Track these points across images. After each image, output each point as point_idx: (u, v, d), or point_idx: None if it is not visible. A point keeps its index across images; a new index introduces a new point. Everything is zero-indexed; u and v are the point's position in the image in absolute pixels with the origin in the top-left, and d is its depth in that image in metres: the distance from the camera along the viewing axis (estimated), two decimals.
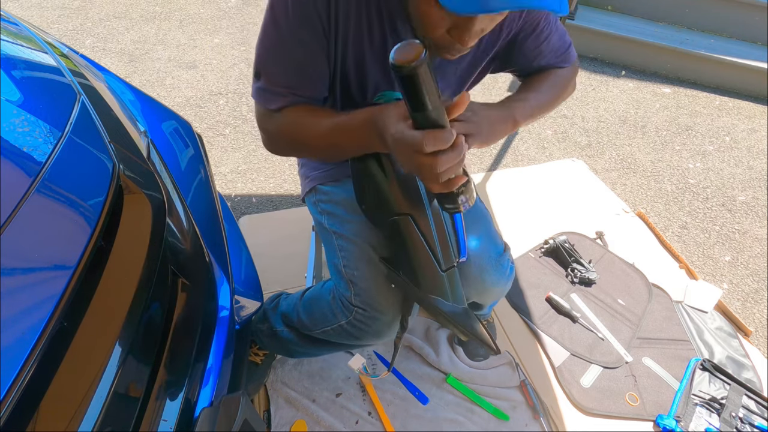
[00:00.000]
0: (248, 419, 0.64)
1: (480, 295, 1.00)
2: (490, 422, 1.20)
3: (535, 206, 1.87)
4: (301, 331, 1.03)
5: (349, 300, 0.90)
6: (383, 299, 0.88)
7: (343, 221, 0.95)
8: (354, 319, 0.90)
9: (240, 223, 1.67)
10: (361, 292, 0.89)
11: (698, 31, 3.09)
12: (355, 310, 0.90)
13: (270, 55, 0.76)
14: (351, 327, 0.91)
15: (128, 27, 2.95)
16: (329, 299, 0.96)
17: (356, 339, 0.93)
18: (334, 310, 0.94)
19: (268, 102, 0.79)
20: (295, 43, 0.73)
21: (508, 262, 1.00)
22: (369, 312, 0.88)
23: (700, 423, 1.23)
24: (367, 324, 0.89)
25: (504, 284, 1.00)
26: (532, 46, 0.86)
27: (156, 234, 0.64)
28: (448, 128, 0.57)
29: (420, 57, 0.49)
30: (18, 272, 0.50)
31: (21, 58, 0.84)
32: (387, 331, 0.90)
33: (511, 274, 1.02)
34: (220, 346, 0.74)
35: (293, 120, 0.79)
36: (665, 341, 1.44)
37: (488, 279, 0.95)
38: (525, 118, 0.83)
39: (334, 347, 1.04)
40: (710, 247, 1.84)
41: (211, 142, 2.12)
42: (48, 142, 0.63)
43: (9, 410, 0.41)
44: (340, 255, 0.93)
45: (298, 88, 0.78)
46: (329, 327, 0.96)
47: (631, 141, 2.38)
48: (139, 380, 0.56)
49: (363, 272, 0.89)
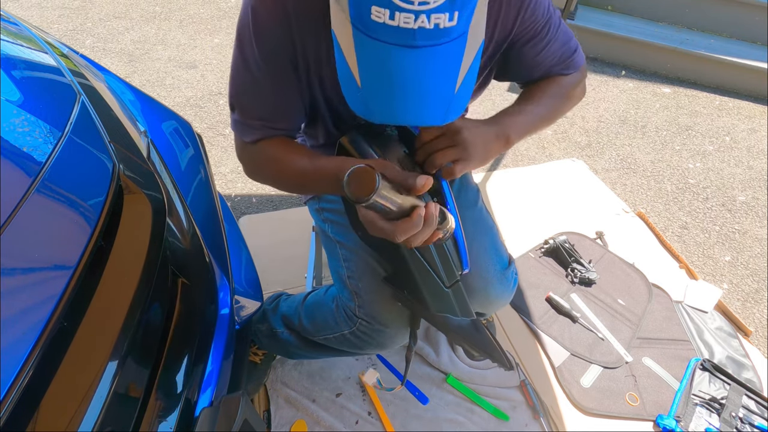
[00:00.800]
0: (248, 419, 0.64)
1: (484, 307, 0.99)
2: (490, 422, 1.20)
3: (535, 206, 1.87)
4: (302, 334, 1.02)
5: (353, 311, 0.89)
6: (387, 313, 0.87)
7: (347, 231, 0.93)
8: (357, 330, 0.89)
9: (240, 223, 1.67)
10: (365, 305, 0.87)
11: (698, 31, 3.09)
12: (359, 321, 0.88)
13: (242, 91, 0.75)
14: (354, 337, 0.90)
15: (128, 27, 2.95)
16: (332, 307, 0.94)
17: (358, 348, 0.92)
18: (337, 319, 0.93)
19: (243, 134, 0.78)
20: (265, 79, 0.73)
21: (512, 275, 0.98)
22: (373, 324, 0.87)
23: (700, 423, 1.23)
24: (370, 336, 0.88)
25: (508, 296, 0.99)
26: (531, 54, 0.80)
27: (156, 234, 0.64)
28: (419, 209, 0.56)
29: (375, 188, 0.49)
30: (18, 272, 0.50)
31: (21, 58, 0.84)
32: (390, 343, 0.90)
33: (515, 286, 1.00)
34: (220, 346, 0.74)
35: (268, 156, 0.79)
36: (665, 341, 1.44)
37: (493, 292, 0.94)
38: (520, 135, 0.79)
39: (334, 353, 1.03)
40: (710, 247, 1.84)
41: (211, 142, 2.12)
42: (48, 142, 0.63)
43: (9, 410, 0.41)
44: (344, 265, 0.92)
45: (273, 121, 0.77)
46: (331, 335, 0.95)
47: (631, 141, 2.38)
48: (139, 380, 0.56)
49: (367, 284, 0.88)
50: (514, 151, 2.24)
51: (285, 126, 0.79)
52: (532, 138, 2.34)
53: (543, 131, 2.39)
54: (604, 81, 2.85)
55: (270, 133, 0.78)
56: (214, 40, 2.89)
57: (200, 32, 2.95)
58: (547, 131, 2.39)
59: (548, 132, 2.39)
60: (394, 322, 0.87)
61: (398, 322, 0.87)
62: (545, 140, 2.33)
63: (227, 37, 2.91)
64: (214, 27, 3.01)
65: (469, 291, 0.91)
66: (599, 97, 2.70)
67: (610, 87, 2.80)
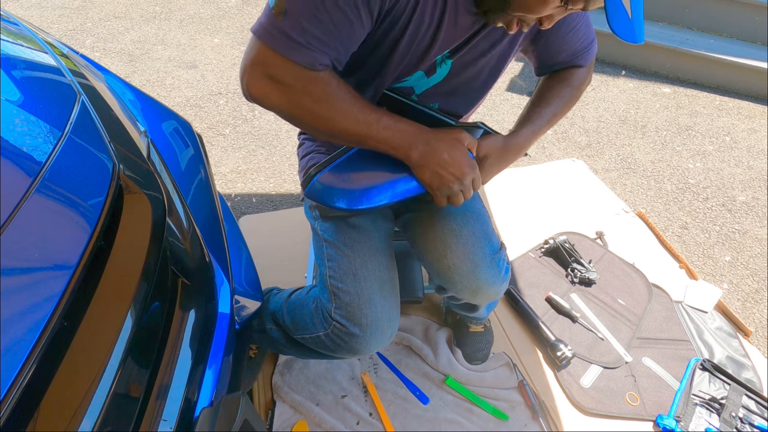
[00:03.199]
0: (248, 419, 0.65)
1: (474, 295, 0.98)
2: (490, 422, 1.20)
3: (535, 206, 1.87)
4: (286, 332, 1.03)
5: (329, 313, 0.90)
6: (363, 317, 0.88)
7: (337, 229, 0.94)
8: (332, 332, 0.90)
9: (240, 223, 1.67)
10: (343, 306, 0.89)
11: (698, 31, 3.08)
12: (333, 323, 0.90)
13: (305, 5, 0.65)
14: (328, 339, 0.91)
15: (128, 27, 2.95)
16: (312, 308, 0.96)
17: (331, 351, 0.93)
18: (314, 320, 0.94)
19: (292, 52, 0.67)
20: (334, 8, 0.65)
21: (503, 262, 0.99)
22: (347, 328, 0.88)
23: (700, 423, 1.23)
24: (343, 340, 0.89)
25: (499, 284, 0.99)
26: (561, 33, 0.86)
27: (156, 234, 0.64)
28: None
29: None
30: (18, 272, 0.50)
31: (21, 58, 0.84)
32: (364, 348, 0.90)
33: (507, 275, 1.00)
34: (220, 346, 0.74)
35: (330, 88, 0.71)
36: (665, 341, 1.44)
37: (482, 276, 0.94)
38: (534, 141, 0.91)
39: (315, 354, 1.04)
40: (710, 247, 1.84)
41: (211, 142, 2.12)
42: (48, 142, 0.63)
43: (9, 410, 0.41)
44: (328, 265, 0.93)
45: (329, 45, 0.68)
46: (308, 335, 0.96)
47: (631, 141, 2.38)
48: (139, 380, 0.56)
49: (347, 286, 0.89)
50: None
51: (337, 54, 0.71)
52: None
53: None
54: (604, 81, 2.85)
55: (322, 57, 0.69)
56: (214, 40, 2.89)
57: (200, 32, 2.96)
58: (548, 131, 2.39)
59: (548, 132, 2.39)
60: (369, 328, 0.88)
61: (372, 328, 0.88)
62: (545, 140, 2.33)
63: (227, 37, 2.91)
64: (214, 27, 3.01)
65: (459, 275, 0.93)
66: (599, 97, 2.70)
67: (610, 87, 2.80)
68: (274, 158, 2.05)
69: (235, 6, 3.27)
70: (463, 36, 0.78)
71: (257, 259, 1.08)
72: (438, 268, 0.95)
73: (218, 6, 3.27)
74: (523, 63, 2.94)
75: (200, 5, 3.26)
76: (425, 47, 0.77)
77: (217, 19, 3.10)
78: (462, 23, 0.76)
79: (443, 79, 0.86)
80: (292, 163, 2.03)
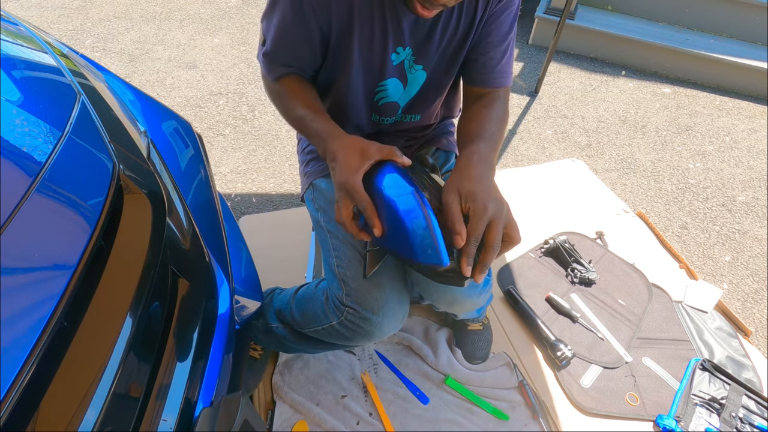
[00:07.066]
0: (248, 419, 0.65)
1: (450, 306, 0.99)
2: (490, 422, 1.20)
3: (535, 206, 1.87)
4: (294, 328, 1.03)
5: (341, 299, 0.91)
6: (374, 301, 0.89)
7: None
8: (345, 319, 0.91)
9: (240, 223, 1.67)
10: (353, 293, 0.90)
11: (698, 31, 3.09)
12: (346, 310, 0.90)
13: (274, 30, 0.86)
14: (342, 327, 0.92)
15: (128, 27, 2.95)
16: (322, 300, 0.96)
17: (347, 339, 0.94)
18: (326, 311, 0.94)
19: (269, 70, 0.91)
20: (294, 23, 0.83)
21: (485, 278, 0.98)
22: (360, 312, 0.89)
23: (700, 423, 1.23)
24: (357, 325, 0.90)
25: (476, 297, 0.99)
26: (491, 44, 0.90)
27: (156, 234, 0.64)
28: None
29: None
30: (18, 272, 0.50)
31: (21, 58, 0.84)
32: (378, 332, 0.91)
33: (486, 287, 1.00)
34: (219, 346, 0.74)
35: (280, 91, 0.92)
36: (665, 341, 1.44)
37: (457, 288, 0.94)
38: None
39: (326, 346, 1.04)
40: (710, 247, 1.84)
41: (211, 142, 2.12)
42: (48, 142, 0.63)
43: (9, 410, 0.41)
44: (334, 254, 0.95)
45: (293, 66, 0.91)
46: (320, 327, 0.96)
47: (631, 141, 2.39)
48: (139, 380, 0.56)
49: (355, 272, 0.90)
50: (514, 151, 2.25)
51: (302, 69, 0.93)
52: (532, 138, 2.34)
53: (543, 131, 2.39)
54: (604, 81, 2.85)
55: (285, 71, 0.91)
56: (214, 40, 2.89)
57: (200, 32, 2.96)
58: (548, 131, 2.39)
59: (548, 132, 2.39)
60: (381, 309, 0.89)
61: (384, 310, 0.89)
62: (545, 140, 2.33)
63: (227, 37, 2.91)
64: (214, 27, 3.01)
65: (434, 286, 0.95)
66: (599, 97, 2.70)
67: (610, 87, 2.80)
68: (274, 158, 2.05)
69: (235, 6, 3.27)
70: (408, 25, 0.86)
71: (257, 259, 1.08)
72: (414, 277, 0.97)
73: (218, 6, 3.27)
74: (523, 63, 2.94)
75: (200, 5, 3.27)
76: (378, 40, 0.87)
77: (217, 19, 3.10)
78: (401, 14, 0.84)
79: (421, 87, 0.96)
80: (292, 163, 2.03)
